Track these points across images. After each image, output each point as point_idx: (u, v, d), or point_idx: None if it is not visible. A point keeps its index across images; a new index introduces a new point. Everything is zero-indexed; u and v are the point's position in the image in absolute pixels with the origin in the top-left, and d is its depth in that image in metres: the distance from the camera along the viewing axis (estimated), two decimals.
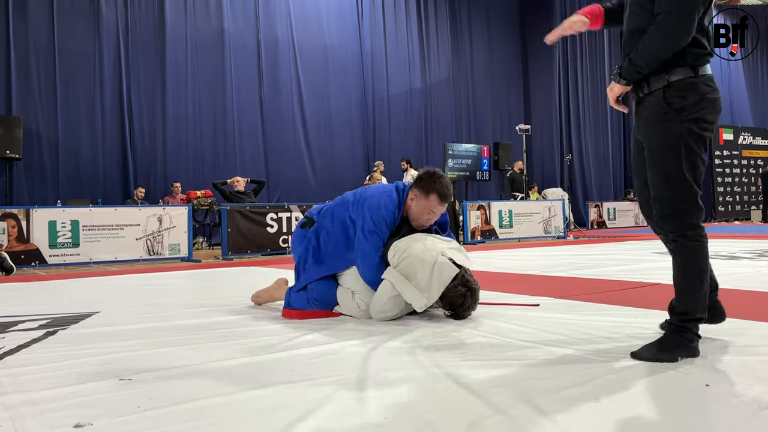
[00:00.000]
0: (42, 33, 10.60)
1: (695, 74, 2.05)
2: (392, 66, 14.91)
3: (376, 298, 2.92)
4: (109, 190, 11.01)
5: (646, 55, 2.07)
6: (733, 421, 1.47)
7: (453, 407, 1.63)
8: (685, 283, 2.11)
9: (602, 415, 1.54)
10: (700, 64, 2.06)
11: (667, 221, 2.11)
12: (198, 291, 4.62)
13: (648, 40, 2.05)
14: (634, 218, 16.53)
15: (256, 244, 8.40)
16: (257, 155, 12.73)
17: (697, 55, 2.06)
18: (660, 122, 2.09)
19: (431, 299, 2.82)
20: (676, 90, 2.06)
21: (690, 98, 2.04)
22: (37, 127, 10.48)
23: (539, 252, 7.88)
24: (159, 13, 11.73)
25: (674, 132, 2.05)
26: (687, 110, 2.04)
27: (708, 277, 2.10)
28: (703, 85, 2.05)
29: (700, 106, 2.04)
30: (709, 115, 2.05)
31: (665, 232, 2.16)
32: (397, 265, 2.87)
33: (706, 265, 2.09)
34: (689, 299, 2.09)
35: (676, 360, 2.00)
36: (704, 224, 2.14)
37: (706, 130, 2.06)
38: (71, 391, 1.85)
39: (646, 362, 2.01)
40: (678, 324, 2.09)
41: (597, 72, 18.32)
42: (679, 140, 2.05)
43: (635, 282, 4.27)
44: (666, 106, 2.07)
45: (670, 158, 2.06)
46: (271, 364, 2.16)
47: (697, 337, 2.08)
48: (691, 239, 2.08)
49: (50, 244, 7.19)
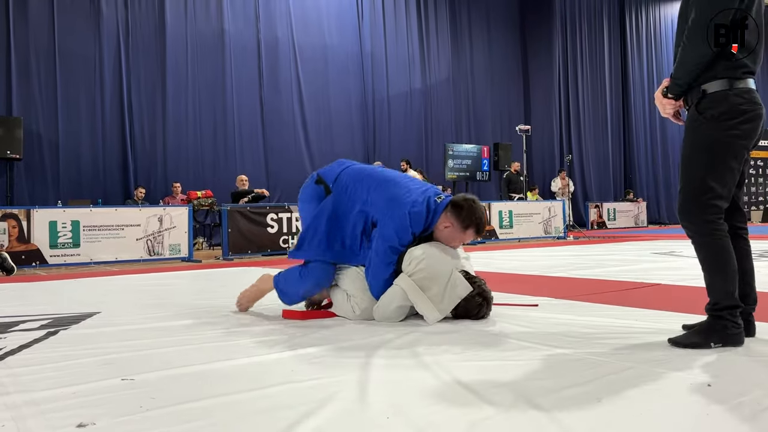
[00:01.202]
0: (42, 34, 10.62)
1: (730, 87, 2.17)
2: (392, 66, 14.92)
3: (384, 302, 2.88)
4: (109, 191, 11.03)
5: (680, 65, 2.24)
6: (735, 421, 1.48)
7: (454, 407, 1.63)
8: (708, 277, 2.24)
9: (603, 414, 1.54)
10: (735, 77, 2.18)
11: (686, 217, 2.24)
12: (198, 291, 4.62)
13: (681, 53, 2.23)
14: (634, 219, 16.55)
15: (256, 244, 8.41)
16: (257, 156, 12.74)
17: (728, 68, 2.18)
18: (691, 129, 2.25)
19: (443, 313, 2.83)
20: (708, 101, 2.20)
21: (719, 108, 2.17)
22: (37, 127, 10.49)
23: (539, 252, 7.88)
24: (159, 14, 11.74)
25: (701, 138, 2.20)
26: (717, 119, 2.17)
27: (731, 268, 2.19)
28: (736, 97, 2.17)
29: (730, 116, 2.16)
30: (741, 125, 2.16)
31: (684, 229, 2.28)
32: (413, 274, 2.82)
33: (726, 259, 2.19)
34: (715, 291, 2.20)
35: (709, 346, 2.14)
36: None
37: (738, 138, 2.17)
38: (73, 391, 1.85)
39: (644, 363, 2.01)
40: (711, 313, 2.21)
41: (597, 72, 18.33)
42: (704, 145, 2.20)
43: (635, 282, 4.27)
44: (698, 115, 2.22)
45: (695, 161, 2.22)
46: (273, 364, 2.16)
47: (734, 325, 2.17)
48: (707, 236, 2.19)
49: (51, 245, 7.20)
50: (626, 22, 19.01)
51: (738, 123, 2.16)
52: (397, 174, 3.13)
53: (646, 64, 19.26)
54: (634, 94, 18.71)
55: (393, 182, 2.99)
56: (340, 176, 3.07)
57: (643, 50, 19.27)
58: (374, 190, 2.95)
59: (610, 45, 18.70)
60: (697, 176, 2.20)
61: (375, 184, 2.97)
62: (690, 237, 2.28)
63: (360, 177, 3.03)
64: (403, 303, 2.84)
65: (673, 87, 2.31)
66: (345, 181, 3.04)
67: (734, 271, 2.19)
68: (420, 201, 2.89)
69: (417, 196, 2.90)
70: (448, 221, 2.92)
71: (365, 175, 3.04)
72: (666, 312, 3.01)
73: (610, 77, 18.63)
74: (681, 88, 2.29)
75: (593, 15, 18.37)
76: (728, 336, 2.15)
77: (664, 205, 18.94)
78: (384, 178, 3.02)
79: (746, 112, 2.16)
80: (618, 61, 18.94)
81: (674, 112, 2.41)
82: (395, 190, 2.93)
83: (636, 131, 18.90)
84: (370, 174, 3.05)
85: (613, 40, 18.84)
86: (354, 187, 3.00)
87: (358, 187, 2.99)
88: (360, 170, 3.10)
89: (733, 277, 2.18)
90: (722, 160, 2.17)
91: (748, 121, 2.17)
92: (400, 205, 2.86)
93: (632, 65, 18.97)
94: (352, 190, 3.00)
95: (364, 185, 2.98)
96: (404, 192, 2.92)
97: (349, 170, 3.10)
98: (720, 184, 2.18)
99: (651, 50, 19.43)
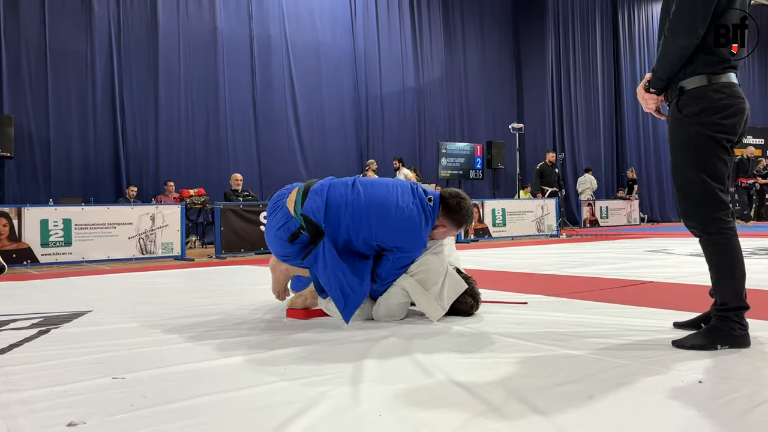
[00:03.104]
0: (33, 31, 10.54)
1: (709, 83, 2.16)
2: (385, 65, 14.90)
3: (387, 302, 2.89)
4: (101, 189, 10.96)
5: (661, 58, 2.22)
6: (724, 419, 1.48)
7: (447, 405, 1.63)
8: (716, 276, 2.20)
9: (596, 411, 1.55)
10: (714, 72, 2.16)
11: (689, 219, 2.22)
12: (191, 290, 4.61)
13: (662, 46, 2.21)
14: (627, 216, 16.60)
15: (249, 242, 8.39)
16: (250, 154, 12.70)
17: (708, 63, 2.16)
18: (675, 128, 2.24)
19: (444, 310, 2.89)
20: (687, 98, 2.19)
21: (698, 105, 2.16)
22: (28, 125, 10.43)
23: (532, 250, 7.90)
24: (151, 12, 11.68)
25: (685, 136, 2.19)
26: (697, 115, 2.16)
27: (739, 268, 2.16)
28: (715, 93, 2.15)
29: (712, 111, 2.14)
30: (723, 120, 2.14)
31: (690, 229, 2.26)
32: (415, 274, 2.88)
33: (734, 258, 2.16)
34: (722, 291, 2.18)
35: (714, 348, 2.11)
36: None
37: (720, 132, 2.14)
38: (64, 389, 1.84)
39: (636, 360, 2.02)
40: (717, 314, 2.18)
41: (590, 71, 18.37)
42: (689, 143, 2.18)
43: (628, 280, 4.28)
44: (678, 113, 2.21)
45: (684, 161, 2.20)
46: (266, 362, 2.15)
47: (740, 326, 2.15)
48: (714, 234, 2.17)
49: (42, 243, 7.16)
50: (618, 21, 19.06)
51: (720, 118, 2.13)
52: (382, 194, 2.84)
53: (638, 62, 19.32)
54: (626, 93, 18.76)
55: (387, 207, 2.78)
56: (331, 215, 2.77)
57: (636, 49, 19.33)
58: (376, 225, 2.76)
59: (603, 44, 18.75)
60: (692, 176, 2.17)
61: (374, 217, 2.76)
62: (698, 237, 2.24)
63: (351, 212, 2.77)
64: (405, 300, 2.89)
65: (655, 81, 2.29)
66: (344, 223, 2.77)
67: (743, 272, 2.17)
68: (418, 212, 2.80)
69: (417, 211, 2.81)
70: (444, 224, 2.95)
71: (355, 209, 2.77)
72: (658, 309, 3.02)
73: (603, 76, 18.68)
74: (663, 83, 2.27)
75: (586, 14, 18.41)
76: (734, 338, 2.13)
77: (656, 203, 19.02)
78: (378, 205, 2.79)
79: (728, 107, 2.14)
80: (610, 59, 18.99)
81: (656, 107, 2.40)
82: (399, 214, 2.77)
83: (628, 129, 18.96)
84: (357, 207, 2.78)
85: (606, 39, 18.89)
86: (357, 230, 2.77)
87: (360, 228, 2.77)
88: (344, 204, 2.79)
89: (741, 277, 2.16)
90: (711, 155, 2.15)
91: (731, 115, 2.14)
92: (415, 228, 2.79)
93: (624, 64, 19.03)
94: (356, 234, 2.78)
95: (362, 223, 2.76)
96: (408, 214, 2.78)
97: (333, 204, 2.78)
98: (715, 179, 2.16)
99: (643, 49, 19.49)
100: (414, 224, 2.79)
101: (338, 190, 2.85)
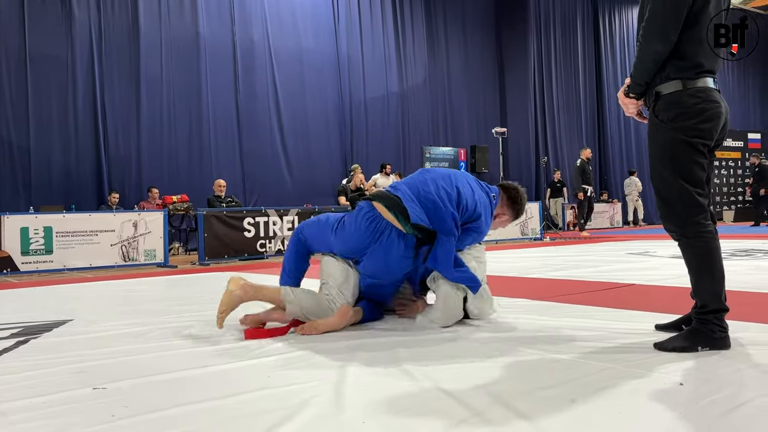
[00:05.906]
0: (13, 36, 10.41)
1: (684, 88, 2.18)
2: (369, 69, 14.90)
3: (451, 306, 2.83)
4: (82, 196, 10.83)
5: (637, 64, 2.25)
6: (706, 420, 1.50)
7: (430, 410, 1.63)
8: (695, 279, 2.23)
9: (578, 415, 1.55)
10: (688, 77, 2.18)
11: (668, 222, 2.25)
12: (174, 297, 4.57)
13: (637, 51, 2.24)
14: (610, 219, 16.73)
15: (233, 249, 8.34)
16: (233, 159, 12.63)
17: (682, 68, 2.18)
18: (653, 133, 2.26)
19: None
20: (663, 103, 2.22)
21: (673, 110, 2.18)
22: (8, 132, 10.29)
23: (516, 254, 7.93)
24: (133, 17, 11.59)
25: (661, 141, 2.21)
26: (672, 121, 2.18)
27: (718, 271, 2.19)
28: (690, 97, 2.17)
29: (687, 116, 2.16)
30: (699, 125, 2.16)
31: (669, 232, 2.28)
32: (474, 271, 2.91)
33: (713, 261, 2.18)
34: (701, 293, 2.20)
35: (696, 350, 2.13)
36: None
37: (696, 137, 2.16)
38: (44, 401, 1.81)
39: (619, 363, 2.03)
40: (698, 317, 2.21)
41: (571, 74, 18.51)
42: (666, 148, 2.20)
43: (610, 283, 4.32)
44: (654, 118, 2.24)
45: (661, 165, 2.22)
46: (249, 370, 2.14)
47: (720, 329, 2.17)
48: (693, 237, 2.19)
49: (22, 251, 7.07)
50: (600, 24, 19.23)
51: (696, 123, 2.15)
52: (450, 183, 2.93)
53: (620, 66, 19.51)
54: (608, 96, 18.92)
55: (478, 195, 2.97)
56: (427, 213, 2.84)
57: (617, 52, 19.52)
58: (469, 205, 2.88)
59: (584, 47, 18.91)
60: (670, 180, 2.19)
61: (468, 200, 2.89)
62: (676, 240, 2.26)
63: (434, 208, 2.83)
64: (461, 297, 2.88)
65: (633, 86, 2.32)
66: (433, 215, 2.81)
67: (722, 274, 2.19)
68: (486, 195, 3.03)
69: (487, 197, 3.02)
70: (505, 213, 3.13)
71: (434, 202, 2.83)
72: (640, 312, 3.04)
73: (584, 79, 18.83)
74: (641, 87, 2.30)
75: (567, 16, 18.56)
76: (715, 340, 2.15)
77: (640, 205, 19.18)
78: (473, 197, 2.92)
79: (703, 111, 2.16)
80: (592, 63, 19.16)
81: (637, 111, 2.43)
82: (479, 199, 2.94)
83: (610, 132, 19.12)
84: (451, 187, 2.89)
85: (587, 42, 19.05)
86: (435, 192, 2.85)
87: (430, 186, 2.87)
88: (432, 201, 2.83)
89: (720, 279, 2.18)
90: (688, 159, 2.17)
91: (707, 120, 2.16)
92: (486, 209, 2.97)
93: (606, 67, 19.21)
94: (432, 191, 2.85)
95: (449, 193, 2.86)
96: (478, 196, 2.95)
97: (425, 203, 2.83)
98: (693, 183, 2.17)
99: (624, 53, 19.69)
100: (486, 207, 2.98)
101: (418, 189, 2.87)
